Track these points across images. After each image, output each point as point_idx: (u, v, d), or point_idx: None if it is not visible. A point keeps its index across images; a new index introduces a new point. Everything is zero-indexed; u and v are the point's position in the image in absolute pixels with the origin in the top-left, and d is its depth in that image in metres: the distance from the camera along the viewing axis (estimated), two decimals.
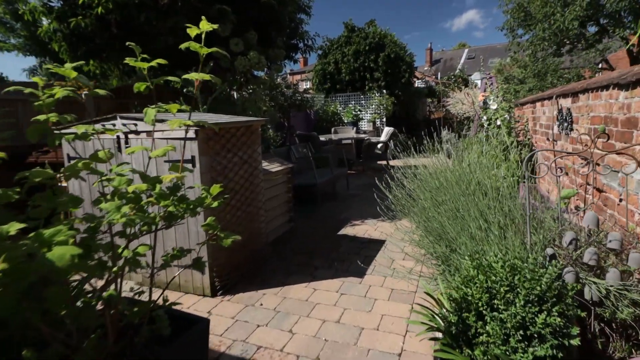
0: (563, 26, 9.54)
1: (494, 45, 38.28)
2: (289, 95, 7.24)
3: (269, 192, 3.95)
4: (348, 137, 8.39)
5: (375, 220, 4.67)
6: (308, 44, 6.03)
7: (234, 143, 3.06)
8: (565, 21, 9.49)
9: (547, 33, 9.98)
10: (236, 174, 3.08)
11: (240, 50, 4.30)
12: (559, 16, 9.85)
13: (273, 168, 4.04)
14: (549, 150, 3.87)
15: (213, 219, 1.24)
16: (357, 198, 5.91)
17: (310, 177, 5.43)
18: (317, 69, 11.21)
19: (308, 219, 4.85)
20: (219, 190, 1.27)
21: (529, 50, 11.47)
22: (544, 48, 10.31)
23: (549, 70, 8.87)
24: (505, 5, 12.05)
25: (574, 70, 9.79)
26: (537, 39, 10.06)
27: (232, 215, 3.05)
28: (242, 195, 3.18)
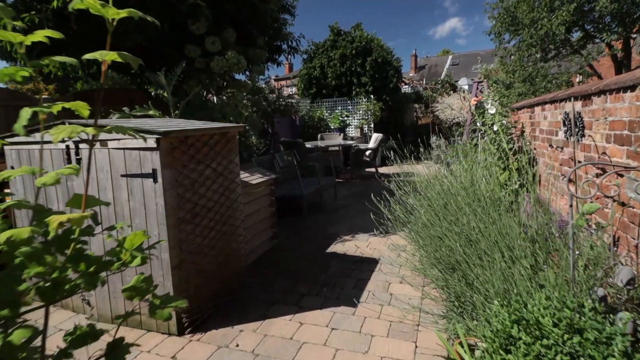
0: (550, 31, 9.45)
1: (477, 51, 38.82)
2: (273, 100, 6.84)
3: (249, 207, 3.53)
4: (335, 144, 8.03)
5: (366, 235, 4.29)
6: (292, 46, 5.66)
7: (206, 153, 2.64)
8: (553, 26, 9.41)
9: (534, 38, 9.89)
10: (209, 189, 2.66)
11: (217, 50, 3.89)
12: (546, 21, 9.78)
13: (254, 180, 3.62)
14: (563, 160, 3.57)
15: (141, 277, 0.82)
16: (346, 209, 5.53)
17: (296, 188, 5.03)
18: (303, 74, 10.86)
19: (293, 234, 4.44)
20: (143, 238, 0.85)
21: (516, 55, 11.40)
22: (531, 53, 10.21)
23: (538, 75, 8.74)
24: (491, 10, 11.99)
25: (565, 75, 9.72)
26: (525, 44, 9.95)
27: (204, 238, 2.62)
28: (217, 212, 2.75)
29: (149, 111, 3.45)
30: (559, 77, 9.36)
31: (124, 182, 2.38)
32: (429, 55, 44.28)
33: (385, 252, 3.70)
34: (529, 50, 10.02)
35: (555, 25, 9.50)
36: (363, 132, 10.48)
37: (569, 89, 3.39)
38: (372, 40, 10.30)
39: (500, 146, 4.53)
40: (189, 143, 2.46)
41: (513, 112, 5.38)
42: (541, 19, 9.98)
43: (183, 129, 2.35)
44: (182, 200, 2.40)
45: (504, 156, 4.55)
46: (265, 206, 3.87)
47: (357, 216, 5.12)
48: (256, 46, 4.26)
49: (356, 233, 4.38)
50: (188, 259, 2.46)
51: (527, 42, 9.85)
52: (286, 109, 7.01)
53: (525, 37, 9.87)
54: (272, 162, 5.59)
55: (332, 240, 4.15)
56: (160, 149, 2.23)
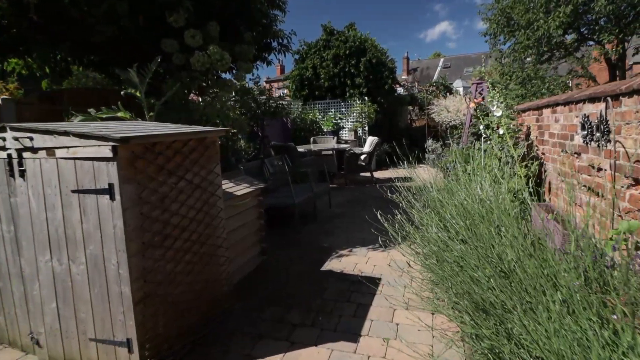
0: (547, 33, 9.24)
1: (468, 54, 38.90)
2: (262, 102, 6.44)
3: (233, 222, 3.12)
4: (328, 148, 7.66)
5: (365, 249, 3.91)
6: (283, 44, 5.27)
7: (180, 162, 2.23)
8: (550, 28, 9.19)
9: (531, 40, 9.66)
10: (183, 205, 2.25)
11: (198, 45, 3.48)
12: (542, 22, 9.57)
13: (239, 190, 3.22)
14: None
15: None
16: (341, 218, 5.15)
17: (287, 196, 4.63)
18: (294, 75, 10.45)
19: (284, 248, 4.03)
20: None
21: (511, 57, 11.19)
22: (528, 55, 9.99)
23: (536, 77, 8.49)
24: (485, 11, 11.78)
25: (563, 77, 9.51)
26: (521, 46, 9.73)
27: (177, 263, 2.20)
28: (193, 232, 2.34)
29: (117, 113, 3.02)
30: (556, 80, 9.14)
31: (76, 200, 1.96)
32: (421, 58, 44.33)
33: (387, 270, 3.32)
34: (525, 51, 9.79)
35: (553, 27, 9.30)
36: (357, 135, 10.11)
37: (589, 89, 3.06)
38: (366, 41, 9.96)
39: (508, 151, 4.19)
40: (156, 151, 2.05)
41: (517, 114, 5.07)
42: (537, 20, 9.78)
43: (147, 135, 1.94)
44: (147, 221, 1.99)
45: (512, 162, 4.22)
46: (252, 219, 3.46)
47: (354, 226, 4.74)
48: (243, 42, 3.86)
49: (353, 246, 4.00)
50: (156, 291, 2.04)
51: (524, 43, 9.63)
52: (277, 111, 6.61)
53: (522, 39, 9.65)
54: (262, 168, 5.19)
55: (328, 256, 3.75)
56: (118, 159, 1.82)
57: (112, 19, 3.34)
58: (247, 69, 3.77)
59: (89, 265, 2.02)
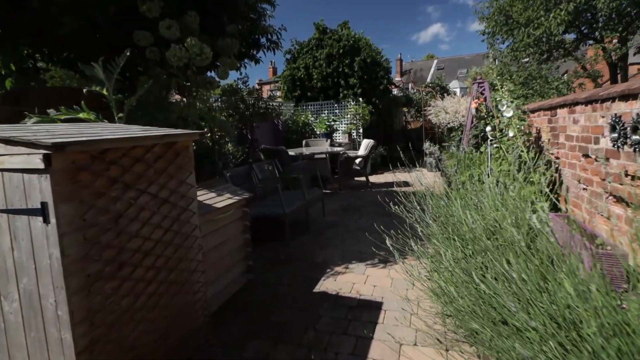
0: (548, 31, 8.97)
1: (462, 56, 38.92)
2: (251, 103, 6.04)
3: (212, 239, 2.72)
4: (322, 151, 7.27)
5: (362, 265, 3.52)
6: (273, 40, 4.88)
7: (141, 173, 1.82)
8: (551, 26, 8.93)
9: (531, 38, 9.39)
10: (145, 224, 1.84)
11: (175, 37, 3.08)
12: (544, 20, 9.31)
13: (220, 201, 2.81)
14: None
15: None
16: (336, 228, 4.76)
17: (277, 205, 4.23)
18: (286, 75, 10.04)
19: (273, 264, 3.63)
20: None
21: (509, 57, 10.93)
22: (529, 54, 9.72)
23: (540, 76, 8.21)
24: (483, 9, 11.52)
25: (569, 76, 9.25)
26: (522, 44, 9.45)
27: (137, 296, 1.79)
28: (159, 256, 1.93)
29: (78, 113, 2.61)
30: (559, 80, 8.87)
31: (5, 221, 1.55)
32: (414, 59, 44.22)
33: (389, 292, 2.94)
34: (526, 50, 9.52)
35: (554, 25, 9.04)
36: (351, 137, 9.74)
37: (618, 85, 2.72)
38: (360, 40, 9.61)
39: (520, 156, 3.85)
40: (108, 160, 1.64)
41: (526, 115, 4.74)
42: (537, 18, 9.52)
43: (94, 140, 1.53)
44: (95, 248, 1.58)
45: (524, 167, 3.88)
46: (236, 234, 3.06)
47: (350, 238, 4.35)
48: (225, 35, 3.46)
49: (350, 262, 3.61)
50: (107, 336, 1.63)
51: (524, 42, 9.36)
52: (267, 112, 6.21)
53: (522, 37, 9.38)
54: (250, 173, 4.78)
55: (322, 273, 3.36)
56: (51, 172, 1.41)
57: (78, 9, 2.93)
58: (230, 64, 3.37)
59: (23, 303, 1.61)
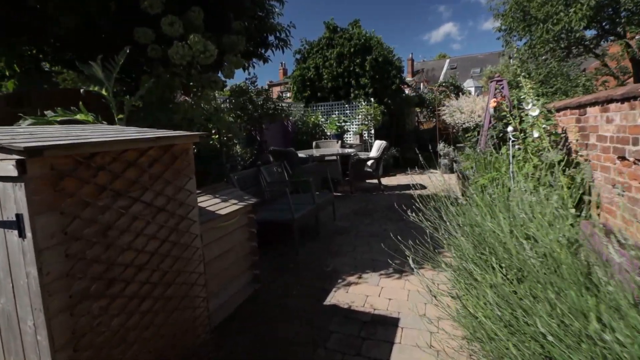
0: (568, 26, 8.61)
1: (475, 55, 38.24)
2: (260, 103, 5.88)
3: (216, 247, 2.54)
4: (332, 153, 7.07)
5: (376, 275, 3.31)
6: (281, 37, 4.71)
7: (133, 179, 1.65)
8: (572, 21, 8.57)
9: (550, 34, 9.03)
10: (139, 236, 1.68)
11: (178, 34, 2.92)
12: (563, 15, 8.94)
13: (225, 208, 2.64)
14: None
15: None
16: (347, 234, 4.55)
17: (286, 209, 4.05)
18: (296, 75, 9.88)
19: (281, 273, 3.44)
20: None
21: (526, 54, 10.57)
22: (548, 50, 9.35)
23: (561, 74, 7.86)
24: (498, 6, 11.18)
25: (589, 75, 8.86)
26: (540, 40, 9.10)
27: (129, 315, 1.62)
28: (155, 270, 1.76)
29: (75, 115, 2.47)
30: (580, 78, 8.50)
31: None
32: (426, 59, 43.64)
33: (406, 306, 2.72)
34: (544, 47, 9.16)
35: (575, 21, 8.68)
36: (363, 138, 9.52)
37: None
38: (372, 38, 9.38)
39: (546, 158, 3.59)
40: (95, 165, 1.48)
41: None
42: (557, 13, 9.16)
43: (77, 143, 1.36)
44: (79, 264, 1.42)
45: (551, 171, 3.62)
46: (242, 241, 2.88)
47: (362, 244, 4.14)
48: (231, 32, 3.30)
49: (363, 271, 3.40)
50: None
51: (543, 38, 9.00)
52: (275, 113, 6.05)
53: (540, 33, 9.02)
54: (257, 176, 4.62)
55: (332, 284, 3.16)
56: (26, 179, 1.25)
57: (76, 8, 2.80)
58: (236, 63, 3.21)
59: (2, 324, 1.46)
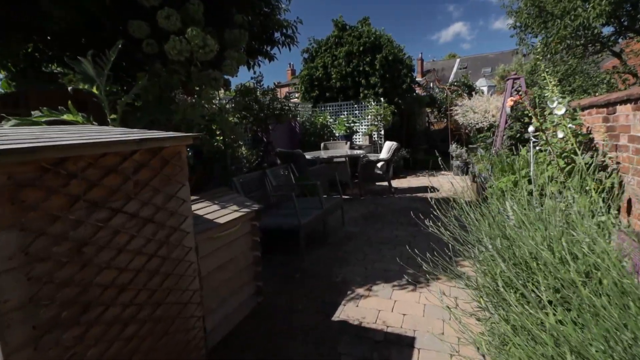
0: (587, 22, 8.24)
1: (485, 54, 37.64)
2: (266, 103, 5.68)
3: (215, 259, 2.33)
4: (341, 155, 6.84)
5: (388, 286, 3.07)
6: (288, 34, 4.50)
7: (114, 187, 1.45)
8: (590, 17, 8.20)
9: (568, 30, 8.67)
10: (121, 252, 1.47)
11: (175, 28, 2.73)
12: (581, 11, 8.57)
13: (224, 215, 2.43)
14: None
15: None
16: (357, 240, 4.31)
17: (292, 214, 3.83)
18: (303, 75, 9.66)
19: (286, 283, 3.22)
20: None
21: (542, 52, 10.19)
22: (564, 48, 8.97)
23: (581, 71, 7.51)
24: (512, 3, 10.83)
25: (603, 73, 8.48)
26: (557, 37, 8.73)
27: (109, 344, 1.41)
28: (141, 290, 1.55)
29: (62, 115, 2.28)
30: (600, 75, 8.12)
31: None
32: (435, 59, 43.08)
33: (422, 322, 2.47)
34: (561, 43, 8.79)
35: (593, 16, 8.31)
36: (372, 139, 9.26)
37: None
38: (382, 37, 9.13)
39: (572, 160, 3.31)
40: (66, 172, 1.27)
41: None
42: (575, 8, 8.80)
43: (38, 147, 1.15)
44: (47, 288, 1.21)
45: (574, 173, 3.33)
46: (244, 251, 2.66)
47: (372, 252, 3.90)
48: (233, 26, 3.09)
49: (374, 282, 3.16)
50: None
51: (560, 34, 8.63)
52: (282, 113, 5.84)
53: (558, 29, 8.66)
54: (263, 179, 4.41)
55: (341, 296, 2.92)
56: None
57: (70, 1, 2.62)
58: (239, 59, 3.00)
59: None
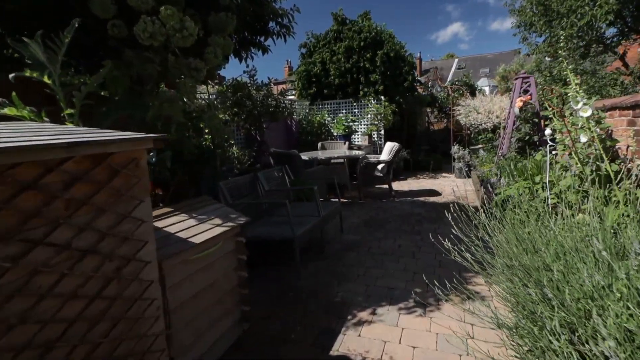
0: (594, 21, 7.92)
1: (484, 55, 37.38)
2: (259, 100, 5.26)
3: (191, 285, 1.92)
4: (339, 156, 6.44)
5: (394, 309, 2.68)
6: (283, 23, 4.09)
7: (31, 210, 1.04)
8: (598, 15, 7.87)
9: (574, 29, 8.33)
10: (42, 299, 1.06)
11: (148, 7, 2.31)
12: (588, 9, 8.25)
13: (201, 234, 2.02)
14: None
15: None
16: (357, 251, 3.92)
17: (286, 223, 3.43)
18: (300, 71, 9.21)
19: (278, 303, 2.83)
20: None
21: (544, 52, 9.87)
22: (571, 47, 8.64)
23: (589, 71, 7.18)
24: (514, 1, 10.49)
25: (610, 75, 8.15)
26: (566, 35, 8.38)
27: None
28: (79, 345, 1.15)
29: (3, 109, 1.87)
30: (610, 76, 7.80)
31: None
32: (434, 58, 42.76)
33: (435, 357, 2.09)
34: (567, 43, 8.45)
35: (601, 14, 7.98)
36: (372, 139, 8.86)
37: None
38: (383, 32, 8.72)
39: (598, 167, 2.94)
40: None
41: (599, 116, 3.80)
42: (581, 7, 8.48)
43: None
44: None
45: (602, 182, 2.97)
46: (226, 273, 2.26)
47: (374, 265, 3.51)
48: (219, 9, 2.68)
49: (378, 303, 2.77)
50: None
51: (567, 32, 8.29)
52: (277, 110, 5.42)
53: (565, 27, 8.32)
54: (254, 183, 4.00)
55: (341, 322, 2.53)
56: None
57: None
58: (224, 47, 2.58)
59: None
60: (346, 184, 6.45)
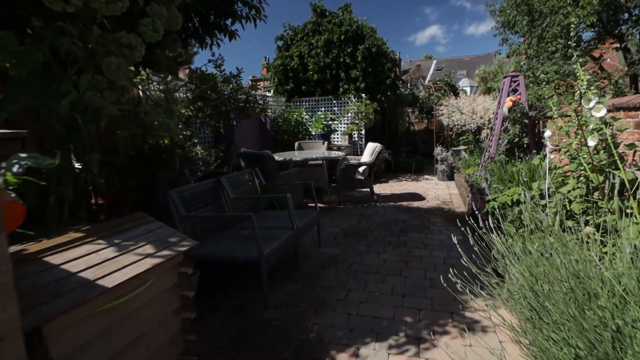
0: (578, 20, 7.77)
1: (461, 57, 37.76)
2: (226, 94, 4.66)
3: (100, 347, 1.35)
4: (317, 157, 5.92)
5: (382, 347, 2.18)
6: (252, 3, 3.53)
7: None
8: (582, 15, 7.72)
9: (557, 29, 8.17)
10: None
11: None
12: (571, 9, 8.11)
13: (120, 270, 1.44)
14: None
15: None
16: (337, 268, 3.42)
17: (252, 237, 2.89)
18: (277, 64, 8.61)
19: (238, 347, 2.27)
20: None
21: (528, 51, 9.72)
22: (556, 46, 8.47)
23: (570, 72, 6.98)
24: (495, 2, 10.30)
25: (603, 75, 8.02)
26: (549, 34, 8.21)
27: None
28: None
29: None
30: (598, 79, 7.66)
31: None
32: (413, 59, 42.91)
33: None
34: (554, 41, 8.29)
35: (584, 15, 7.84)
36: (352, 139, 8.40)
37: None
38: (364, 26, 8.26)
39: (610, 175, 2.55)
40: None
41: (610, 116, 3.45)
42: (564, 7, 8.34)
43: None
44: None
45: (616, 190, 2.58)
46: (164, 318, 1.69)
47: (357, 286, 3.02)
48: None
49: (362, 340, 2.26)
50: None
51: (552, 32, 8.11)
52: (247, 106, 4.84)
53: (550, 26, 8.14)
54: (217, 190, 3.43)
55: None
56: None
57: None
58: (169, 19, 2.00)
59: None
60: (325, 187, 5.94)
